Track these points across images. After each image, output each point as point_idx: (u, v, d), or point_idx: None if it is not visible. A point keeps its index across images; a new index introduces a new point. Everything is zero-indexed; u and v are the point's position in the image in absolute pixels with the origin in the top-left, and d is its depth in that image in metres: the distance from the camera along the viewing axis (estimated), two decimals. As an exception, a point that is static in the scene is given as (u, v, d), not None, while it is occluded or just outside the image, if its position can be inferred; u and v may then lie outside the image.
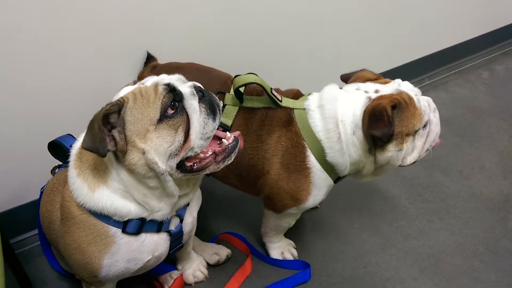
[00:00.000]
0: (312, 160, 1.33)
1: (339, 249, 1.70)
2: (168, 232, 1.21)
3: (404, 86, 1.33)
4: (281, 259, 1.63)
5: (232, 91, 1.38)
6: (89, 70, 1.55)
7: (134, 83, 1.15)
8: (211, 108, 1.07)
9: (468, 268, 1.63)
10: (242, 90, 1.37)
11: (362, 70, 1.43)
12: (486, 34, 2.96)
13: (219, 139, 1.13)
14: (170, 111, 1.03)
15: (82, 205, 1.10)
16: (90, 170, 1.10)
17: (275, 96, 1.35)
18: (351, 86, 1.35)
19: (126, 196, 1.09)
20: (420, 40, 2.59)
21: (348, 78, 1.42)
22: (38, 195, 1.38)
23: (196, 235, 1.60)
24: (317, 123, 1.31)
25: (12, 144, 1.53)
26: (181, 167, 1.07)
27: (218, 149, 1.11)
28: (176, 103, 1.04)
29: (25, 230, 1.71)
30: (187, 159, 1.07)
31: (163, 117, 1.02)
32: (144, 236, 1.16)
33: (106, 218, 1.11)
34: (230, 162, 1.13)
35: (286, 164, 1.34)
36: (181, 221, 1.24)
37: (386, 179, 2.00)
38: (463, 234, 1.77)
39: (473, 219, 1.83)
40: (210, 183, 1.72)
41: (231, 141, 1.13)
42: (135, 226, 1.13)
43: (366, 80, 1.36)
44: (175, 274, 1.52)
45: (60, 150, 1.32)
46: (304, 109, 1.35)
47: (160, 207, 1.13)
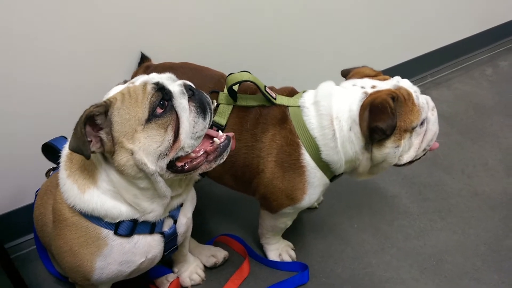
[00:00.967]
0: (306, 158, 1.31)
1: (338, 249, 1.68)
2: (162, 233, 1.20)
3: (403, 83, 1.31)
4: (279, 260, 1.62)
5: (225, 90, 1.36)
6: (83, 71, 1.54)
7: (124, 83, 1.14)
8: (201, 107, 1.06)
9: (470, 268, 1.60)
10: (236, 88, 1.36)
11: (362, 66, 1.42)
12: (490, 30, 2.92)
13: (211, 138, 1.12)
14: (159, 110, 1.01)
15: (73, 206, 1.09)
16: (80, 171, 1.09)
17: (269, 94, 1.34)
18: (348, 82, 1.34)
19: (116, 197, 1.08)
20: (423, 36, 2.56)
21: (347, 73, 1.41)
22: (33, 199, 1.38)
23: (193, 237, 1.59)
24: (311, 121, 1.30)
25: (7, 147, 1.53)
26: (172, 167, 1.06)
27: (210, 148, 1.10)
28: (165, 102, 1.02)
29: (21, 234, 1.70)
30: (178, 159, 1.06)
31: (152, 116, 1.00)
32: (136, 237, 1.15)
33: (97, 220, 1.10)
34: (222, 161, 1.11)
35: (281, 162, 1.32)
36: (175, 222, 1.23)
37: (386, 178, 1.97)
38: (465, 234, 1.73)
39: (475, 218, 1.80)
40: (206, 184, 1.71)
41: (222, 140, 1.11)
42: (127, 228, 1.12)
43: (364, 76, 1.35)
44: (171, 277, 1.51)
45: (54, 152, 1.31)
46: (298, 106, 1.33)
47: (152, 208, 1.12)
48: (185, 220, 1.28)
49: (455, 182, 1.97)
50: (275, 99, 1.35)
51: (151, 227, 1.16)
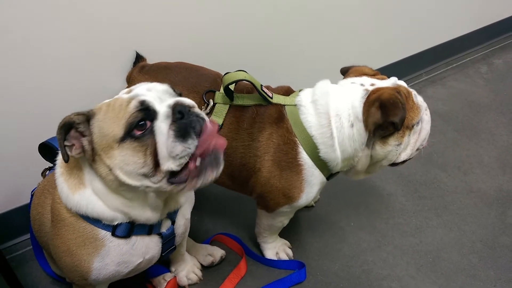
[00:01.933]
0: (304, 157, 1.31)
1: (335, 248, 1.68)
2: (160, 234, 1.19)
3: (400, 83, 1.33)
4: (276, 259, 1.62)
5: (222, 89, 1.36)
6: (78, 70, 1.53)
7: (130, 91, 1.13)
8: (181, 132, 0.98)
9: (467, 265, 1.61)
10: (232, 87, 1.36)
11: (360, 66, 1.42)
12: (484, 28, 2.93)
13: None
14: (138, 132, 0.97)
15: (66, 206, 1.09)
16: (71, 170, 1.09)
17: (266, 93, 1.34)
18: (346, 81, 1.35)
19: (105, 202, 1.07)
20: (418, 35, 2.57)
21: (346, 71, 1.42)
22: (29, 199, 1.37)
23: (190, 236, 1.59)
24: (308, 119, 1.30)
25: (2, 147, 1.52)
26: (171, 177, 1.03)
27: (191, 166, 1.01)
28: (147, 123, 0.98)
29: (17, 234, 1.69)
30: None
31: (128, 136, 0.97)
32: (134, 239, 1.14)
33: (95, 221, 1.10)
34: (204, 183, 1.02)
35: (278, 161, 1.32)
36: (173, 223, 1.22)
37: (382, 176, 1.98)
38: (461, 231, 1.74)
39: (471, 215, 1.81)
40: (203, 183, 1.71)
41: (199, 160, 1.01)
42: (125, 229, 1.11)
43: (363, 75, 1.36)
44: (168, 276, 1.50)
45: (51, 151, 1.31)
46: (295, 105, 1.34)
47: (146, 217, 1.11)
48: (183, 221, 1.27)
49: (450, 180, 1.98)
50: (271, 98, 1.34)
51: (149, 229, 1.16)
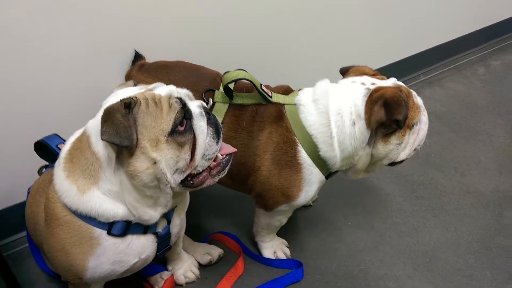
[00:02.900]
0: (303, 156, 1.31)
1: (333, 247, 1.69)
2: (155, 234, 1.19)
3: (399, 84, 1.34)
4: (273, 258, 1.62)
5: (221, 88, 1.36)
6: (75, 69, 1.52)
7: (135, 85, 1.14)
8: (217, 132, 1.10)
9: (463, 265, 1.62)
10: (231, 86, 1.35)
11: (360, 66, 1.43)
12: (482, 30, 2.94)
13: None
14: (180, 128, 1.03)
15: (69, 207, 1.08)
16: (81, 172, 1.07)
17: (265, 92, 1.34)
18: (347, 80, 1.36)
19: (116, 199, 1.07)
20: (416, 36, 2.57)
21: (346, 71, 1.43)
22: (25, 196, 1.36)
23: (188, 235, 1.59)
24: (308, 118, 1.31)
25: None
26: (183, 182, 1.08)
27: (213, 163, 1.12)
28: (185, 121, 1.04)
29: (14, 232, 1.68)
30: (189, 174, 1.08)
31: (173, 131, 1.01)
32: (130, 238, 1.14)
33: (91, 219, 1.09)
34: (224, 175, 1.15)
35: (277, 160, 1.32)
36: (168, 222, 1.22)
37: (380, 176, 1.98)
38: (458, 231, 1.75)
39: (468, 216, 1.82)
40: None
41: (224, 156, 1.15)
42: (121, 228, 1.11)
43: (363, 74, 1.36)
44: (165, 274, 1.50)
45: (47, 150, 1.30)
46: (294, 104, 1.34)
47: (150, 216, 1.11)
48: (178, 220, 1.28)
49: (448, 180, 1.99)
50: (271, 97, 1.34)
51: (145, 228, 1.15)
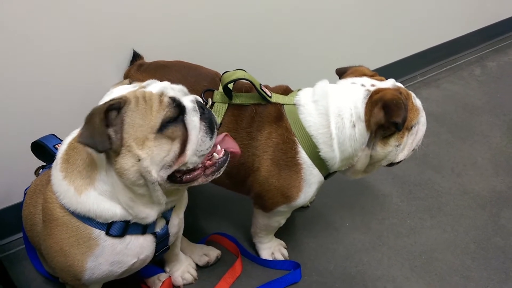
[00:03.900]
0: (303, 156, 1.31)
1: (330, 248, 1.69)
2: (154, 234, 1.19)
3: (398, 85, 1.34)
4: (271, 259, 1.61)
5: (220, 88, 1.35)
6: (73, 68, 1.52)
7: (130, 83, 1.13)
8: (210, 127, 1.07)
9: (460, 266, 1.62)
10: (231, 86, 1.35)
11: (359, 66, 1.43)
12: (478, 31, 2.95)
13: (210, 153, 1.11)
14: (171, 123, 1.02)
15: (68, 208, 1.07)
16: (77, 172, 1.07)
17: (265, 92, 1.33)
18: (346, 81, 1.35)
19: (113, 199, 1.07)
20: (412, 37, 2.58)
21: (343, 72, 1.42)
22: (22, 197, 1.35)
23: (185, 236, 1.58)
24: (307, 118, 1.31)
25: (-5, 144, 1.50)
26: (171, 178, 1.06)
27: (208, 162, 1.10)
28: (178, 116, 1.03)
29: (9, 233, 1.67)
30: (178, 171, 1.07)
31: (163, 128, 1.00)
32: (128, 238, 1.13)
33: (89, 220, 1.08)
34: (219, 175, 1.12)
35: (276, 160, 1.32)
36: (167, 222, 1.22)
37: (377, 177, 1.99)
38: (455, 232, 1.75)
39: (465, 216, 1.82)
40: (199, 182, 1.70)
41: (221, 155, 1.12)
42: (119, 228, 1.10)
43: (363, 75, 1.36)
44: (163, 276, 1.50)
45: (44, 150, 1.29)
46: (294, 104, 1.34)
47: (146, 213, 1.11)
48: (177, 220, 1.27)
49: (444, 181, 1.99)
50: (270, 97, 1.34)
51: (143, 228, 1.15)
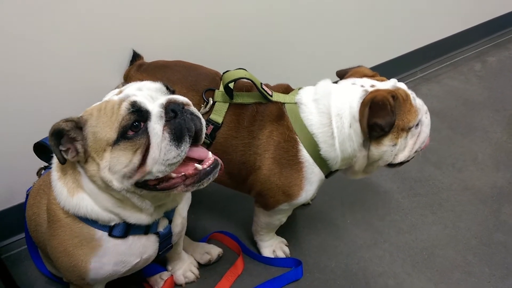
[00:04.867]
0: (304, 154, 1.32)
1: (332, 245, 1.69)
2: (157, 233, 1.19)
3: (399, 85, 1.34)
4: (273, 257, 1.62)
5: (221, 88, 1.36)
6: (75, 68, 1.52)
7: (123, 85, 1.13)
8: (177, 134, 0.98)
9: (462, 262, 1.63)
10: (231, 86, 1.35)
11: (358, 66, 1.43)
12: (478, 26, 2.94)
13: (197, 161, 1.05)
14: (131, 132, 0.98)
15: (64, 208, 1.09)
16: (69, 175, 1.08)
17: (265, 91, 1.34)
18: (347, 81, 1.36)
19: (98, 203, 1.07)
20: (412, 33, 2.58)
21: (344, 74, 1.42)
22: (24, 198, 1.36)
23: (187, 235, 1.59)
24: (309, 117, 1.31)
25: (-3, 145, 1.50)
26: (145, 185, 1.03)
27: (189, 172, 1.03)
28: (141, 123, 0.98)
29: (12, 234, 1.68)
30: (151, 179, 1.01)
31: (121, 138, 0.97)
32: (131, 238, 1.14)
33: (91, 222, 1.09)
34: (202, 187, 1.05)
35: (278, 159, 1.32)
36: (170, 222, 1.22)
37: (378, 174, 1.99)
38: (456, 228, 1.76)
39: (466, 212, 1.82)
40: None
41: (206, 166, 1.03)
42: (122, 229, 1.11)
43: (363, 76, 1.36)
44: (165, 275, 1.50)
45: (46, 151, 1.29)
46: (295, 103, 1.34)
47: (136, 218, 1.10)
48: (180, 220, 1.27)
49: (445, 177, 2.00)
50: (271, 96, 1.34)
51: (146, 228, 1.15)
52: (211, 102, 1.35)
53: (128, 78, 1.50)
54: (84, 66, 1.53)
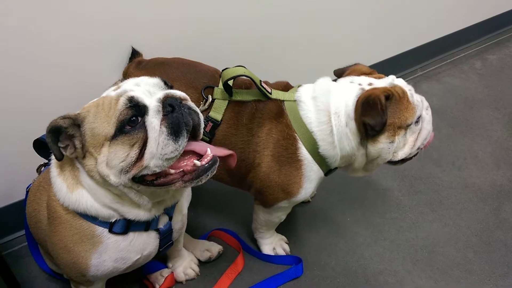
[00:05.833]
0: (303, 152, 1.32)
1: (332, 242, 1.69)
2: (157, 230, 1.19)
3: (397, 82, 1.33)
4: (273, 254, 1.62)
5: (220, 85, 1.35)
6: (73, 66, 1.51)
7: (121, 81, 1.13)
8: (175, 128, 0.98)
9: (462, 260, 1.63)
10: (231, 83, 1.35)
11: (355, 64, 1.42)
12: (478, 24, 2.94)
13: (197, 156, 1.04)
14: (128, 127, 0.98)
15: (64, 205, 1.09)
16: (68, 171, 1.09)
17: (265, 89, 1.33)
18: (345, 80, 1.35)
19: (97, 199, 1.07)
20: (412, 30, 2.57)
21: (342, 73, 1.42)
22: (24, 195, 1.36)
23: (187, 232, 1.59)
24: (308, 115, 1.31)
25: (-4, 143, 1.50)
26: (143, 180, 1.02)
27: (188, 168, 1.02)
28: (139, 118, 0.98)
29: (12, 230, 1.68)
30: (149, 174, 1.01)
31: (118, 132, 0.98)
32: (132, 235, 1.14)
33: (91, 218, 1.09)
34: (200, 183, 1.03)
35: (277, 156, 1.32)
36: (170, 219, 1.22)
37: (378, 171, 1.99)
38: (456, 226, 1.76)
39: (466, 210, 1.82)
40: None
41: (204, 162, 1.02)
42: (122, 226, 1.11)
43: (361, 74, 1.36)
44: (165, 272, 1.50)
45: (46, 147, 1.29)
46: (294, 101, 1.34)
47: (135, 214, 1.10)
48: (180, 216, 1.28)
49: (445, 175, 2.00)
50: (270, 93, 1.34)
51: (146, 225, 1.15)
52: (210, 100, 1.35)
53: (127, 75, 1.50)
54: (84, 63, 1.53)
